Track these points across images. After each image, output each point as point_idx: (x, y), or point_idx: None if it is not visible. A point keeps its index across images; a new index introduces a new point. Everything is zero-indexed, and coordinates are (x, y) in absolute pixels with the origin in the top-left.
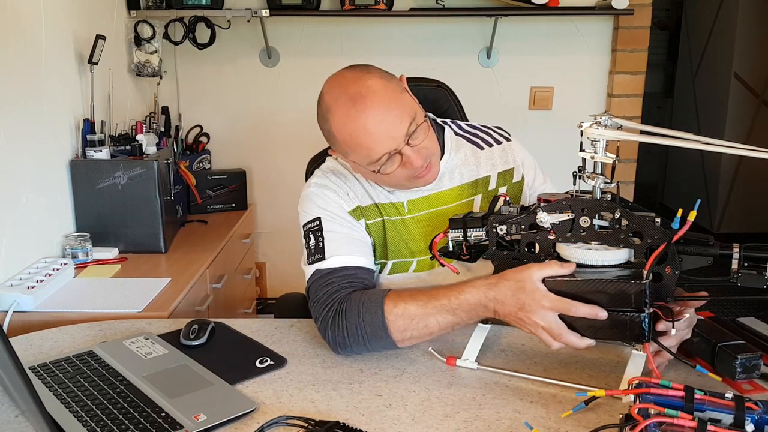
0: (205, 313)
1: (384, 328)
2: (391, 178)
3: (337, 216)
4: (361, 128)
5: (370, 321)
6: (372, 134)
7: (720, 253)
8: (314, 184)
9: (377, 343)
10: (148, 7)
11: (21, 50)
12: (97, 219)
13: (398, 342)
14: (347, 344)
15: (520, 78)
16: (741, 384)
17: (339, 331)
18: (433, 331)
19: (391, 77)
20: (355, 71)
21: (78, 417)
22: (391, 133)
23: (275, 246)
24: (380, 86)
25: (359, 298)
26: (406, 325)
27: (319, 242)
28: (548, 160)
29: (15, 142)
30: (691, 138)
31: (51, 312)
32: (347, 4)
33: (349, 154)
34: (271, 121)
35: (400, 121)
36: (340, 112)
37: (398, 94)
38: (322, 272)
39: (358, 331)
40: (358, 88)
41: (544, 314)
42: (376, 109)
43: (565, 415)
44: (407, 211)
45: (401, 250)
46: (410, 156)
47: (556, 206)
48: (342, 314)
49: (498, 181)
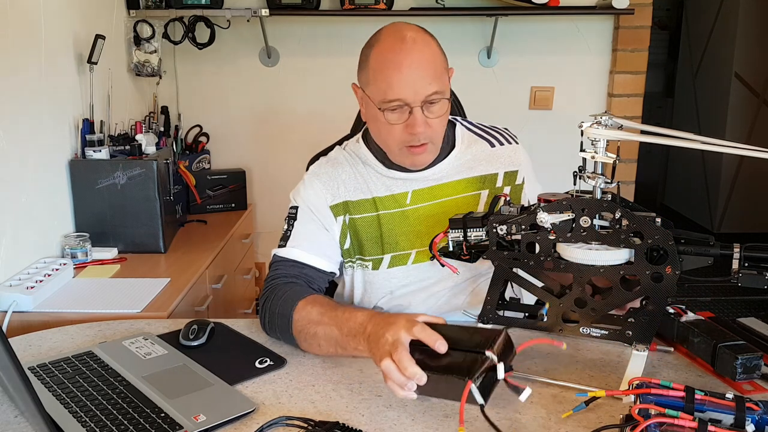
0: (205, 314)
1: (288, 324)
2: (390, 132)
3: (315, 210)
4: (395, 64)
5: (281, 314)
6: (400, 73)
7: (720, 253)
8: (310, 172)
9: (287, 338)
10: (147, 6)
11: (20, 50)
12: (97, 219)
13: (298, 342)
14: (267, 328)
15: (520, 78)
16: (741, 384)
17: (263, 315)
18: (321, 343)
19: (443, 54)
20: (408, 24)
21: (77, 417)
22: (416, 85)
23: (275, 246)
24: (431, 49)
25: (286, 290)
26: (303, 327)
27: (289, 230)
28: (548, 160)
29: (14, 142)
30: (691, 138)
31: (50, 312)
32: (347, 3)
33: (370, 84)
34: (271, 121)
35: (429, 82)
36: (389, 41)
37: (441, 66)
38: (277, 258)
39: (275, 320)
40: (414, 36)
41: (383, 357)
42: (419, 58)
43: (565, 416)
44: (409, 202)
45: (399, 243)
46: (417, 119)
47: (556, 206)
48: (269, 300)
49: (504, 180)
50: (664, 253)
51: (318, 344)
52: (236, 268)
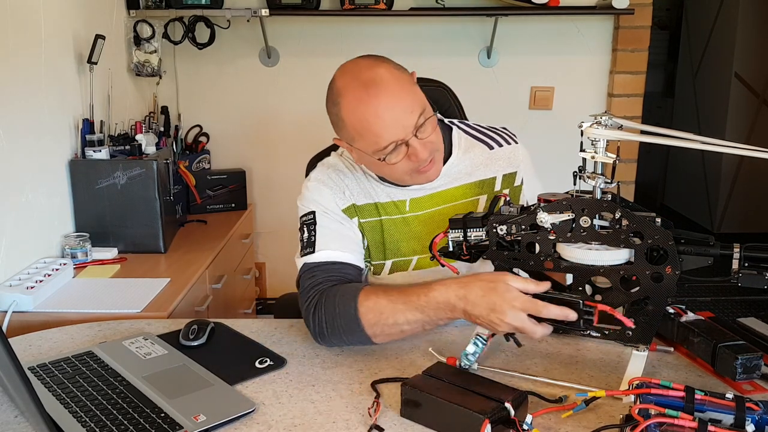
0: (205, 314)
1: (357, 321)
2: (395, 169)
3: (331, 212)
4: (372, 113)
5: (344, 313)
6: (382, 120)
7: (720, 253)
8: (313, 179)
9: (352, 337)
10: (147, 6)
11: (20, 50)
12: (97, 219)
13: (372, 336)
14: (326, 335)
15: (520, 78)
16: (741, 384)
17: (318, 323)
18: (404, 328)
19: (403, 69)
20: (368, 59)
21: (77, 417)
22: (401, 121)
23: (275, 246)
24: (393, 76)
25: (337, 290)
26: (376, 319)
27: (311, 236)
28: (548, 160)
29: (14, 142)
30: (691, 138)
31: (50, 312)
32: (347, 3)
33: (356, 140)
34: (271, 121)
35: (410, 111)
36: (352, 96)
37: (410, 86)
38: (309, 265)
39: (335, 323)
40: (371, 75)
41: (515, 315)
42: (389, 96)
43: (565, 416)
44: (409, 209)
45: (401, 249)
46: (417, 148)
47: (556, 206)
48: (321, 306)
49: (503, 183)
50: (664, 253)
51: (400, 330)
52: (236, 268)
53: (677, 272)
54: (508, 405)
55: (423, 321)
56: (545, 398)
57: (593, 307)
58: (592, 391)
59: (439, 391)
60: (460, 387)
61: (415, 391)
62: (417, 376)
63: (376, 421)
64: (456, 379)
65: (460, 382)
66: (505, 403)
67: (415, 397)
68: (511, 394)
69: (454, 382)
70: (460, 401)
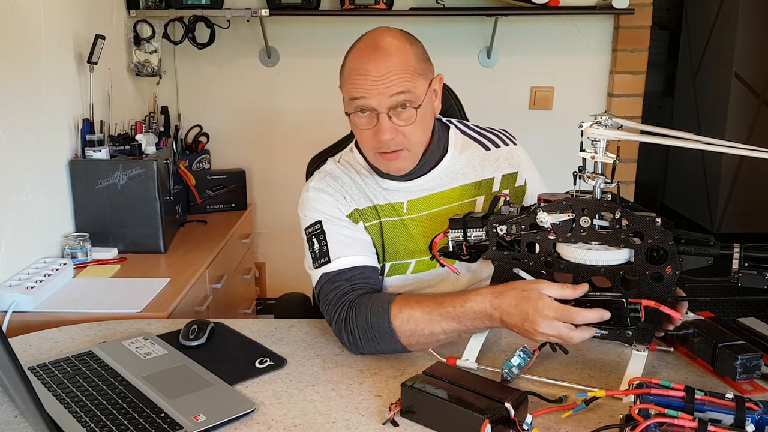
0: (205, 314)
1: (391, 333)
2: (363, 138)
3: (336, 218)
4: (362, 66)
5: (377, 326)
6: (366, 79)
7: (720, 253)
8: (312, 188)
9: (387, 346)
10: (147, 6)
11: (20, 50)
12: (97, 219)
13: (408, 346)
14: (360, 346)
15: (520, 78)
16: (741, 384)
17: (351, 335)
18: (440, 338)
19: (421, 57)
20: (394, 30)
21: (77, 417)
22: (380, 87)
23: (275, 246)
24: (401, 52)
25: (367, 302)
26: (412, 330)
27: (323, 246)
28: (548, 160)
29: (14, 142)
30: (691, 138)
31: (50, 312)
32: (347, 3)
33: (343, 85)
34: (271, 121)
35: (395, 85)
36: (363, 46)
37: (414, 70)
38: (329, 276)
39: (368, 335)
40: (390, 41)
41: (549, 324)
42: (387, 65)
43: (565, 416)
44: (406, 212)
45: (399, 252)
46: (383, 126)
47: (556, 206)
48: (352, 318)
49: (502, 183)
50: (664, 253)
51: (436, 339)
52: (236, 268)
53: (677, 272)
54: (508, 405)
55: (460, 330)
56: (545, 398)
57: (638, 304)
58: (592, 391)
59: (439, 391)
60: (460, 387)
61: (415, 391)
62: (417, 376)
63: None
64: (456, 379)
65: (460, 382)
66: (505, 403)
67: (415, 396)
68: (511, 394)
69: (454, 382)
70: (460, 401)
